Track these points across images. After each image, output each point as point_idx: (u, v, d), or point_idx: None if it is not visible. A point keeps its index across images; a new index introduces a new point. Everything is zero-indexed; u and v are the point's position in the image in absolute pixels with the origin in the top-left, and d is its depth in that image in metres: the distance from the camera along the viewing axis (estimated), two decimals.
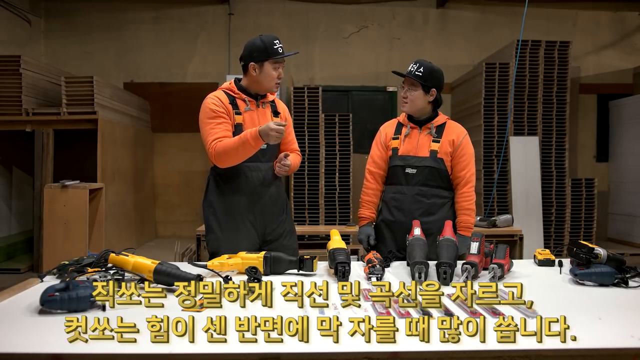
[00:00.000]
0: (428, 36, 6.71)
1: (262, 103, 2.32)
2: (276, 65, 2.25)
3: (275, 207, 2.34)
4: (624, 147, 6.24)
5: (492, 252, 1.81)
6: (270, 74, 2.24)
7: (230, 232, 2.27)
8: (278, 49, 2.24)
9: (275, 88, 2.30)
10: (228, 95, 2.28)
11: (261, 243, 2.32)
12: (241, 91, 2.29)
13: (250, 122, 2.25)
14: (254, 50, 2.24)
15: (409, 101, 2.34)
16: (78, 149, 5.34)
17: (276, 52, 2.23)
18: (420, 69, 2.30)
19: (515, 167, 5.43)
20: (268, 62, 2.23)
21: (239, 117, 2.25)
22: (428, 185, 2.34)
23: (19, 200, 5.70)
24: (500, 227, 4.20)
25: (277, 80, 2.27)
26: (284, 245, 2.30)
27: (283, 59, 2.27)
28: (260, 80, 2.26)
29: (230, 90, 2.30)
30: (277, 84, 2.29)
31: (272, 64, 2.23)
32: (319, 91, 5.68)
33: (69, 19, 6.55)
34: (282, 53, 2.24)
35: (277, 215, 2.35)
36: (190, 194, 6.42)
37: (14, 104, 4.90)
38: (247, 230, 2.28)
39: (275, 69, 2.25)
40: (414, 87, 2.32)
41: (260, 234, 2.31)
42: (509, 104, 5.41)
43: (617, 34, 6.76)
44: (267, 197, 2.30)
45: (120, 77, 6.51)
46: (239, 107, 2.27)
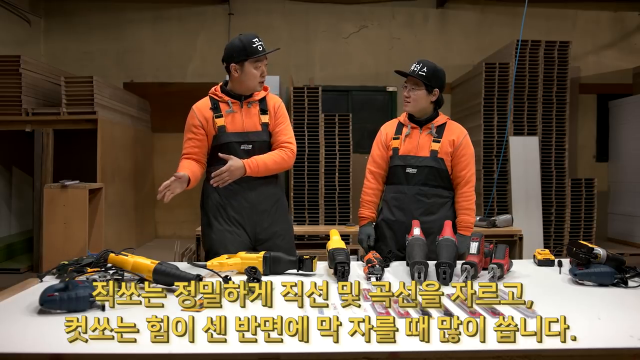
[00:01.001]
0: (428, 36, 6.70)
1: (248, 103, 2.31)
2: (257, 64, 2.25)
3: (265, 206, 2.31)
4: (623, 147, 6.23)
5: (491, 252, 1.82)
6: (252, 73, 2.25)
7: (219, 232, 2.29)
8: (257, 47, 2.23)
9: (259, 87, 2.30)
10: (212, 100, 2.32)
11: (254, 242, 2.31)
12: (225, 93, 2.31)
13: (233, 124, 2.27)
14: (233, 51, 2.25)
15: (412, 101, 2.35)
16: (78, 149, 5.33)
17: (255, 51, 2.23)
18: (424, 69, 2.31)
19: (515, 167, 5.43)
20: (248, 61, 2.24)
21: (220, 119, 2.27)
22: (428, 185, 2.35)
23: (18, 200, 5.69)
24: (500, 227, 4.20)
25: (259, 78, 2.27)
26: (277, 245, 2.26)
27: (264, 58, 2.26)
28: (243, 81, 2.27)
29: (215, 94, 2.33)
30: (260, 82, 2.29)
31: (252, 63, 2.24)
32: (319, 91, 5.68)
33: (69, 19, 6.54)
34: (261, 51, 2.24)
35: (269, 215, 2.32)
36: (190, 194, 6.27)
37: (13, 104, 4.89)
38: (236, 230, 2.28)
39: (257, 67, 2.25)
40: (417, 86, 2.33)
41: (251, 233, 2.30)
42: (508, 104, 5.41)
43: (617, 34, 6.75)
44: (254, 196, 2.28)
45: (120, 77, 6.50)
46: (222, 110, 2.28)
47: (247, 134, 2.27)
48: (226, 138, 2.27)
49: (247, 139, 2.28)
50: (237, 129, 2.27)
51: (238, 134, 2.27)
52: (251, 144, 2.27)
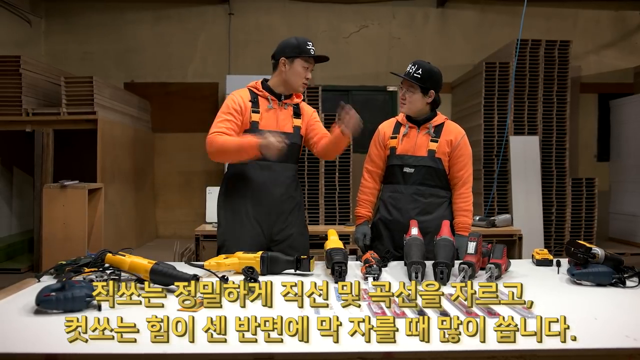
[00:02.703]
0: (428, 36, 6.70)
1: (285, 104, 2.32)
2: (306, 65, 2.28)
3: (284, 207, 2.32)
4: (625, 147, 6.22)
5: (489, 252, 1.82)
6: (299, 71, 2.27)
7: (235, 228, 2.28)
8: (310, 49, 2.28)
9: (301, 88, 2.32)
10: (251, 93, 2.31)
11: (268, 242, 2.30)
12: (266, 89, 2.31)
13: (268, 122, 2.26)
14: (287, 46, 2.28)
15: (408, 103, 2.35)
16: (79, 149, 5.34)
17: (308, 51, 2.27)
18: (419, 71, 2.30)
19: (516, 166, 5.43)
20: (299, 59, 2.26)
21: (256, 115, 2.26)
22: (426, 184, 2.34)
23: (19, 200, 5.70)
24: (499, 227, 4.20)
25: (304, 80, 2.29)
26: (292, 247, 2.28)
27: (313, 61, 2.30)
28: (288, 77, 2.28)
29: (255, 88, 2.32)
30: (304, 84, 2.30)
31: (302, 62, 2.27)
32: (319, 91, 5.68)
33: (70, 19, 6.55)
34: (313, 53, 2.28)
35: (287, 216, 2.33)
36: (191, 194, 6.41)
37: (14, 104, 4.90)
38: (252, 228, 2.28)
39: (305, 68, 2.28)
40: (412, 89, 2.32)
41: (266, 233, 2.30)
42: (508, 103, 5.41)
43: (618, 33, 6.74)
44: (275, 196, 2.28)
45: (121, 77, 6.51)
46: (260, 106, 2.28)
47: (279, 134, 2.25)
48: (258, 134, 2.21)
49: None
50: (270, 127, 2.25)
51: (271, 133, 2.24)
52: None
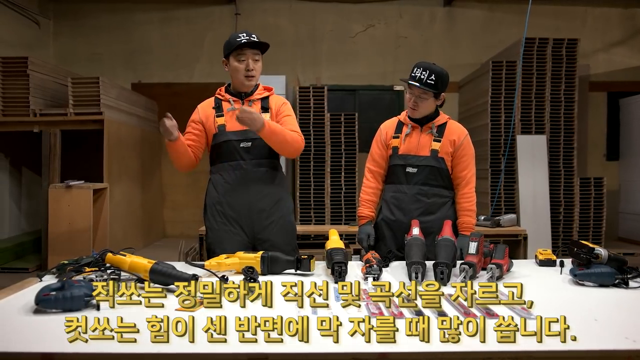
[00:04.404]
0: (435, 35, 6.68)
1: (249, 101, 2.31)
2: (240, 57, 2.23)
3: (262, 205, 2.29)
4: (635, 146, 6.17)
5: (491, 252, 1.80)
6: (235, 66, 2.25)
7: (218, 231, 2.29)
8: (240, 40, 2.20)
9: (245, 81, 2.27)
10: (216, 99, 2.35)
11: (252, 241, 2.30)
12: (227, 92, 2.34)
13: (234, 122, 2.24)
14: (224, 48, 2.29)
15: (420, 108, 2.30)
16: (86, 149, 5.38)
17: (235, 44, 2.21)
18: (432, 77, 2.22)
19: (523, 165, 5.39)
20: (231, 56, 2.25)
21: (221, 118, 2.29)
22: (428, 184, 2.33)
23: (28, 200, 5.76)
24: (505, 227, 4.17)
25: (245, 72, 2.25)
26: (276, 245, 2.23)
27: (248, 51, 2.22)
28: (232, 76, 2.30)
29: (219, 94, 2.37)
30: (247, 76, 2.25)
31: (235, 57, 2.24)
32: (324, 90, 5.68)
33: (78, 20, 6.61)
34: (239, 42, 2.20)
35: (269, 214, 2.30)
36: (198, 193, 6.41)
37: (21, 105, 4.95)
38: (233, 229, 2.28)
39: (240, 61, 2.24)
40: (425, 95, 2.26)
41: (249, 232, 2.29)
42: (514, 102, 5.37)
43: (627, 31, 6.67)
44: (250, 195, 2.27)
45: (128, 78, 6.55)
46: (223, 109, 2.31)
47: (246, 132, 2.25)
48: (225, 136, 2.28)
49: (246, 136, 2.27)
50: (237, 127, 2.26)
51: (237, 132, 2.27)
52: (250, 142, 2.26)
